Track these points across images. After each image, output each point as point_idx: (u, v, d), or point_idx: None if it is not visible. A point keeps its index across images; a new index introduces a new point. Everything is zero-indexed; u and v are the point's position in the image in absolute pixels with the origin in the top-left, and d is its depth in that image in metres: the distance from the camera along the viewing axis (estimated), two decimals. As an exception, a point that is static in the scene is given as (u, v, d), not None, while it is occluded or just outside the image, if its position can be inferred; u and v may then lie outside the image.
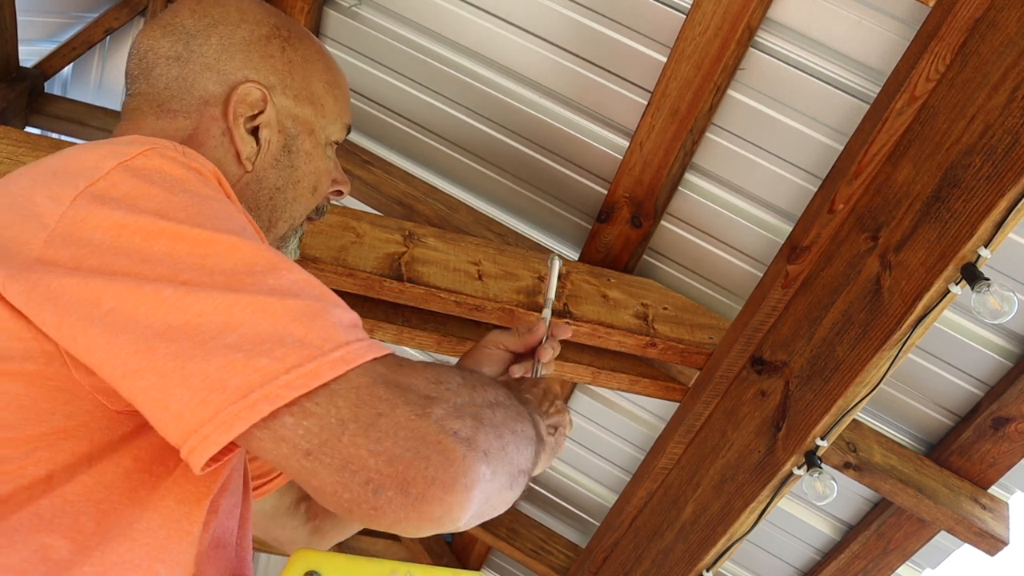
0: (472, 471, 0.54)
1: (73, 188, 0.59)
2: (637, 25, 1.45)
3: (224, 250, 0.56)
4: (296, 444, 0.52)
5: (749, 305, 1.38)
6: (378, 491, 0.51)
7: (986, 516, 1.45)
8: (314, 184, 0.88)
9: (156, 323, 0.52)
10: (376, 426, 0.52)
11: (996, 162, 0.94)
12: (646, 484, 1.62)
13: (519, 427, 0.64)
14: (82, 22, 2.68)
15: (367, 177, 1.79)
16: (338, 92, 0.89)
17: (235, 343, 0.51)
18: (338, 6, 1.78)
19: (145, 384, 0.52)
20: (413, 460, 0.52)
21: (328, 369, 0.52)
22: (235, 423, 0.50)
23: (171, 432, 0.52)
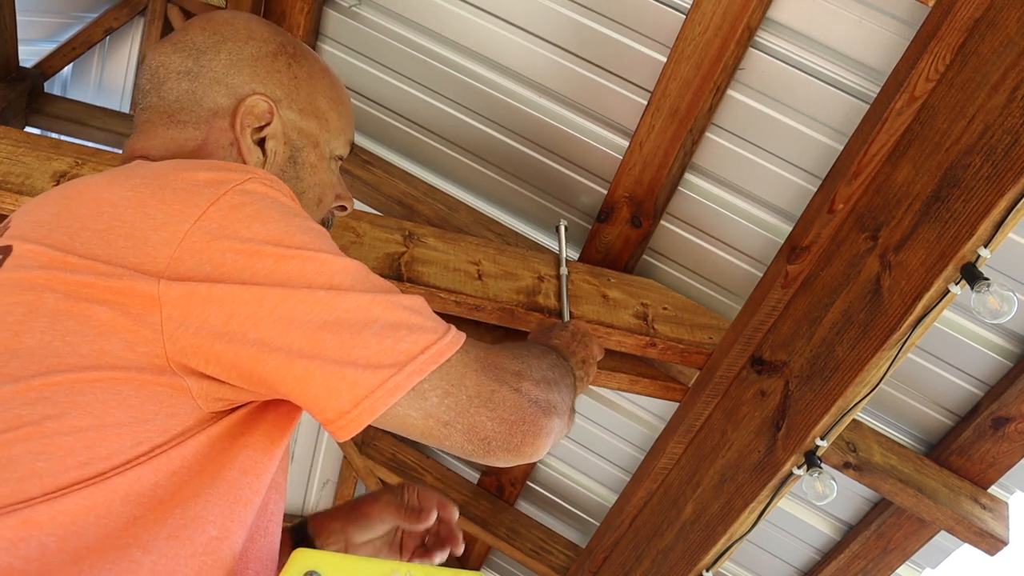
0: (550, 423, 0.78)
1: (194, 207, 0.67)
2: (637, 25, 1.45)
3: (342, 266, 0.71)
4: (439, 417, 0.70)
5: (749, 305, 1.38)
6: (491, 444, 0.73)
7: (986, 516, 1.45)
8: (319, 196, 0.93)
9: (316, 318, 0.66)
10: (492, 400, 0.73)
11: (996, 162, 0.94)
12: (646, 484, 1.62)
13: (567, 380, 0.89)
14: (82, 22, 2.69)
15: (367, 177, 1.79)
16: (342, 108, 0.94)
17: (380, 332, 0.68)
18: (338, 6, 1.78)
19: (320, 364, 0.66)
20: (516, 421, 0.74)
21: (448, 347, 0.71)
22: (397, 390, 0.67)
23: (343, 399, 0.66)
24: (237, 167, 0.73)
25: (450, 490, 2.49)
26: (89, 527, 0.63)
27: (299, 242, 0.69)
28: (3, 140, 1.33)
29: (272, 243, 0.68)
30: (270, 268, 0.67)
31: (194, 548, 0.67)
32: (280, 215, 0.70)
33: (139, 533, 0.64)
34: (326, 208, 0.96)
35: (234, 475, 0.71)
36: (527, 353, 0.84)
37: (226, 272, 0.65)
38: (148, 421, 0.66)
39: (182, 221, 0.66)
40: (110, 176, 0.72)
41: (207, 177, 0.70)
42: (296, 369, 0.66)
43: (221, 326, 0.65)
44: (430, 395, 0.69)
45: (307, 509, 3.01)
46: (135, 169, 0.73)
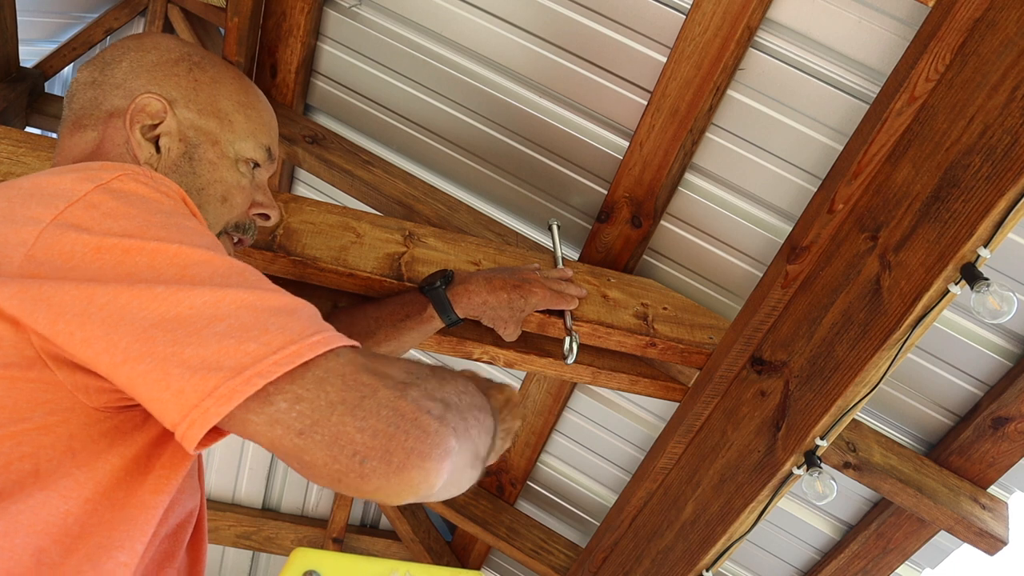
0: (444, 443, 0.61)
1: (52, 208, 0.64)
2: (637, 25, 1.45)
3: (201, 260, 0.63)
4: (290, 425, 0.58)
5: (749, 305, 1.38)
6: (364, 461, 0.58)
7: (986, 516, 1.45)
8: (222, 194, 0.94)
9: (151, 315, 0.58)
10: (361, 406, 0.59)
11: (995, 162, 0.94)
12: (646, 484, 1.62)
13: (481, 416, 0.73)
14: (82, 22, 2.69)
15: (367, 177, 1.79)
16: (252, 113, 0.96)
17: (224, 331, 0.58)
18: (338, 6, 1.78)
19: (145, 367, 0.57)
20: (395, 434, 0.59)
21: (308, 350, 0.59)
22: (232, 396, 0.56)
23: (170, 410, 0.57)
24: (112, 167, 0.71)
25: (450, 490, 2.49)
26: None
27: (153, 235, 0.64)
28: (3, 140, 1.34)
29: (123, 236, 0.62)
30: (116, 261, 0.61)
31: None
32: (140, 211, 0.66)
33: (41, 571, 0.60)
34: (236, 210, 0.96)
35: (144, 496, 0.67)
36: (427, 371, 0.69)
37: (71, 270, 0.61)
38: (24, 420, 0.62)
39: (39, 221, 0.63)
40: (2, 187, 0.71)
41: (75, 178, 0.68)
42: (122, 374, 0.58)
43: (50, 325, 0.59)
44: (277, 399, 0.58)
45: (307, 509, 3.02)
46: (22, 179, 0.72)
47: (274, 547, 2.93)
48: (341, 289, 1.38)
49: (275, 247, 1.31)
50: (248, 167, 0.97)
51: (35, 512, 0.60)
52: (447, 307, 1.25)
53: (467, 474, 0.69)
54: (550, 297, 1.31)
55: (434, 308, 1.26)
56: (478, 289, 1.26)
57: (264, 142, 0.98)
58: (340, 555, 0.80)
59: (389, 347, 1.28)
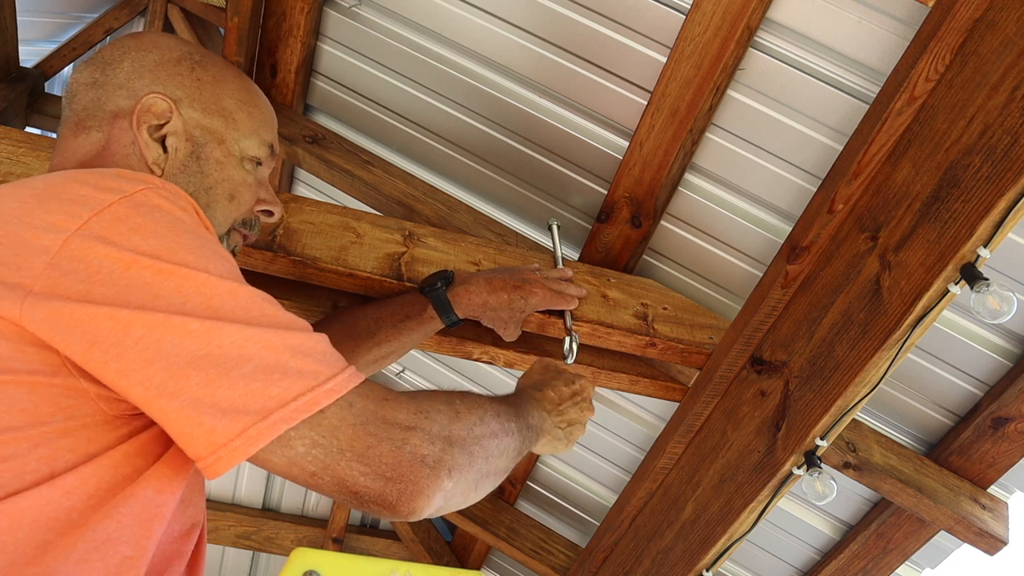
0: (434, 485, 0.71)
1: (76, 217, 0.65)
2: (637, 25, 1.45)
3: (226, 291, 0.67)
4: (305, 467, 0.66)
5: (749, 305, 1.38)
6: (363, 498, 0.68)
7: (986, 516, 1.45)
8: (229, 192, 0.94)
9: (184, 353, 0.63)
10: (366, 455, 0.68)
11: (995, 162, 0.94)
12: (646, 484, 1.62)
13: (495, 442, 0.81)
14: (82, 22, 2.69)
15: (367, 177, 1.79)
16: (253, 111, 0.97)
17: (251, 374, 0.64)
18: (338, 6, 1.78)
19: (179, 405, 0.63)
20: (391, 480, 0.69)
21: (324, 397, 0.66)
22: (259, 440, 0.63)
23: (200, 445, 0.63)
24: (134, 177, 0.72)
25: (450, 490, 2.49)
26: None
27: (180, 259, 0.66)
28: (4, 140, 1.34)
29: (151, 256, 0.65)
30: (146, 282, 0.64)
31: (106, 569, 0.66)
32: (167, 230, 0.68)
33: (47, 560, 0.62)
34: (243, 207, 0.98)
35: (148, 493, 0.69)
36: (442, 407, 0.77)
37: (98, 284, 0.63)
38: (44, 424, 0.64)
39: (63, 230, 0.64)
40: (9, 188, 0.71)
41: (97, 186, 0.69)
42: (155, 407, 0.63)
43: (84, 352, 0.62)
44: (296, 444, 0.65)
45: (307, 509, 3.02)
46: (32, 180, 0.72)
47: (274, 547, 2.93)
48: (341, 289, 1.38)
49: (275, 247, 1.31)
50: (252, 164, 0.98)
51: (39, 508, 0.63)
52: (447, 308, 1.25)
53: (469, 496, 0.79)
54: (550, 297, 1.31)
55: (434, 309, 1.26)
56: (478, 290, 1.26)
57: (267, 139, 0.98)
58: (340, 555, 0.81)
59: (389, 347, 1.28)
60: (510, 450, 0.86)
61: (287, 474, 0.67)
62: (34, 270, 0.62)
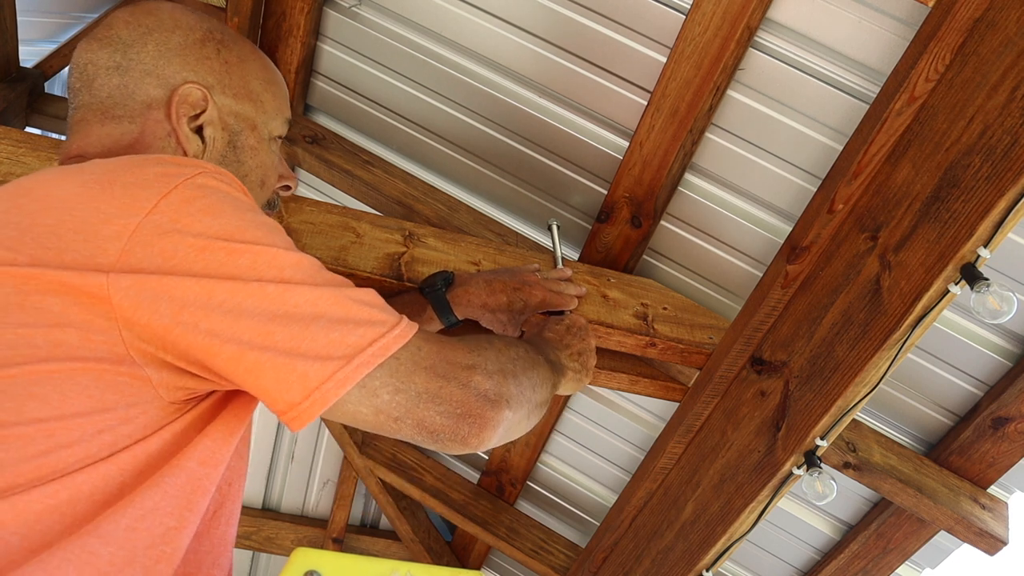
0: (497, 418, 0.80)
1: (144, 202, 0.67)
2: (637, 25, 1.45)
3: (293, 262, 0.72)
4: (389, 413, 0.73)
5: (749, 305, 1.38)
6: (439, 435, 0.76)
7: (985, 516, 1.45)
8: (262, 178, 0.95)
9: (266, 312, 0.68)
10: (439, 396, 0.75)
11: (995, 162, 0.94)
12: (646, 484, 1.62)
13: (534, 373, 0.90)
14: (82, 22, 2.68)
15: (367, 177, 1.79)
16: (275, 89, 0.96)
17: (328, 326, 0.69)
18: (338, 6, 1.78)
19: (272, 355, 0.67)
20: (462, 416, 0.77)
21: (395, 341, 0.73)
22: (347, 382, 0.69)
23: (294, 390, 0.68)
24: (187, 162, 0.74)
25: (450, 490, 2.49)
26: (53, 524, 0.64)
27: (251, 236, 0.70)
28: (4, 140, 1.34)
29: (223, 238, 0.69)
30: (221, 261, 0.68)
31: (151, 538, 0.69)
32: (231, 209, 0.71)
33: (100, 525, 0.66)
34: (270, 189, 0.98)
35: (193, 466, 0.73)
36: (487, 345, 0.85)
37: (176, 265, 0.66)
38: (108, 411, 0.67)
39: (132, 215, 0.66)
40: (60, 173, 0.72)
41: (157, 172, 0.71)
42: (247, 360, 0.67)
43: (172, 316, 0.66)
44: (381, 392, 0.72)
45: (307, 509, 3.02)
46: (85, 166, 0.73)
47: (274, 547, 2.93)
48: (341, 289, 1.38)
49: (275, 247, 1.31)
50: (276, 144, 0.98)
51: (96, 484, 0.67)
52: (447, 309, 1.25)
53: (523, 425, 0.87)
54: (550, 299, 1.32)
55: (434, 310, 1.26)
56: (478, 292, 1.26)
57: (286, 115, 0.98)
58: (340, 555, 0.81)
59: None
60: (547, 381, 0.94)
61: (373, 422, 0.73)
62: (109, 255, 0.65)
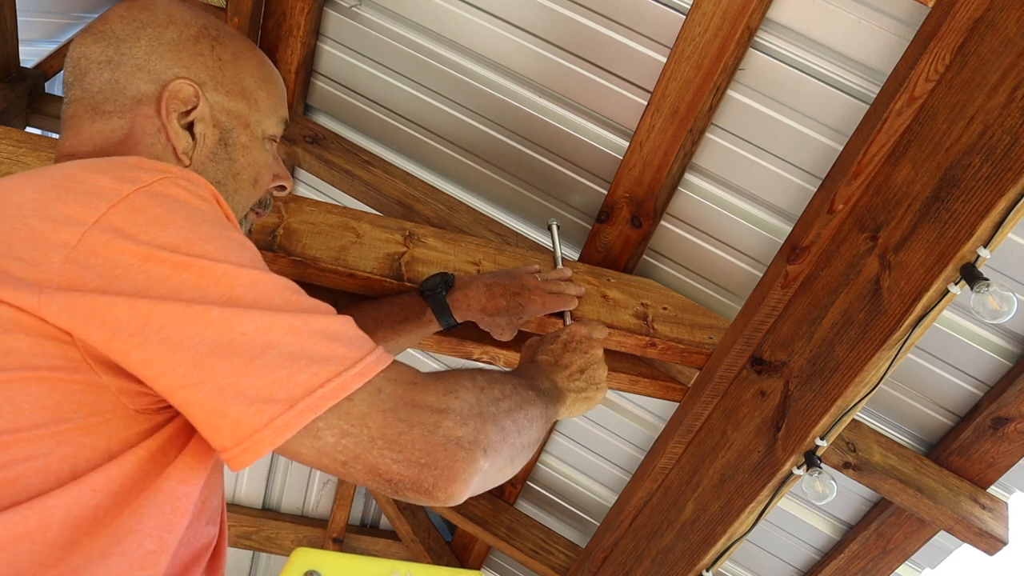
0: (471, 468, 0.68)
1: (93, 209, 0.63)
2: (637, 25, 1.45)
3: (247, 280, 0.65)
4: (335, 458, 0.64)
5: (749, 305, 1.38)
6: (398, 486, 0.66)
7: (985, 516, 1.45)
8: (254, 176, 0.92)
9: (207, 341, 0.61)
10: (398, 442, 0.65)
11: (995, 162, 0.94)
12: (646, 484, 1.62)
13: (522, 413, 0.79)
14: (82, 22, 2.68)
15: (367, 177, 1.79)
16: (271, 87, 0.93)
17: (276, 361, 0.62)
18: (338, 6, 1.78)
19: (204, 395, 0.61)
20: (426, 466, 0.66)
21: (352, 382, 0.64)
22: (286, 429, 0.61)
23: (225, 436, 0.61)
24: (152, 166, 0.70)
25: (450, 490, 2.49)
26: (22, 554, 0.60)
27: (200, 250, 0.64)
28: (4, 140, 1.34)
29: (169, 249, 0.63)
30: (164, 275, 0.62)
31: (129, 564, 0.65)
32: (185, 220, 0.66)
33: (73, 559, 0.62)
34: (263, 188, 0.95)
35: (171, 485, 0.68)
36: (468, 384, 0.75)
37: (114, 281, 0.61)
38: (67, 421, 0.63)
39: (79, 224, 0.62)
40: (26, 177, 0.70)
41: (115, 176, 0.67)
42: (179, 397, 0.62)
43: (105, 343, 0.61)
44: (324, 434, 0.63)
45: (307, 509, 3.01)
46: (48, 170, 0.70)
47: (274, 547, 2.93)
48: (341, 289, 1.38)
49: (275, 247, 1.31)
50: (271, 143, 0.95)
51: (69, 508, 0.62)
52: (446, 312, 1.25)
53: (505, 472, 0.77)
54: (549, 302, 1.31)
55: (433, 312, 1.26)
56: (477, 296, 1.26)
57: (282, 115, 0.96)
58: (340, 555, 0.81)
59: (386, 346, 1.28)
60: (538, 419, 0.84)
61: (317, 464, 0.65)
62: (52, 265, 0.61)
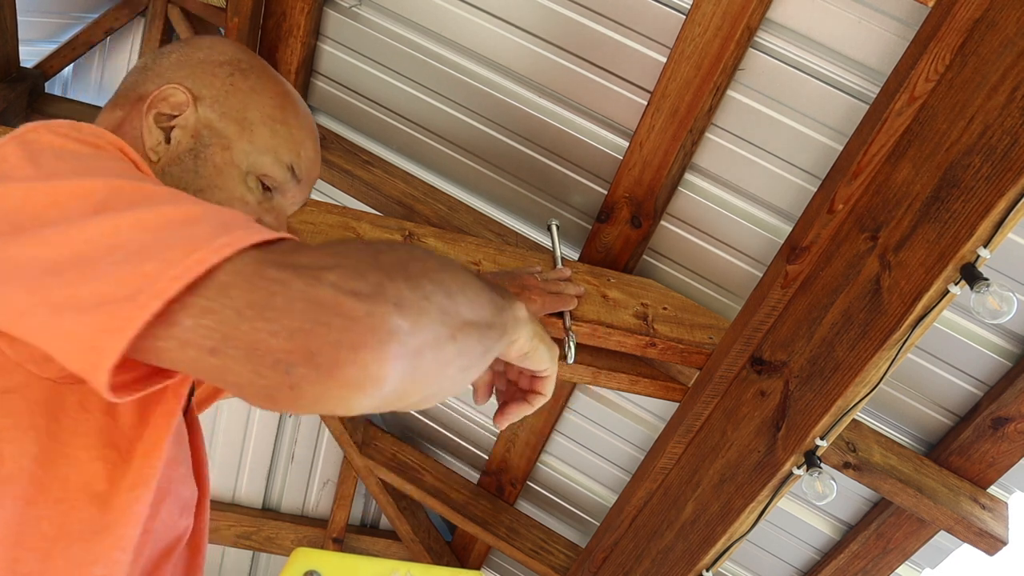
0: (381, 326, 0.50)
1: None
2: (637, 25, 1.45)
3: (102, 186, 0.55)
4: (200, 344, 0.49)
5: (749, 305, 1.38)
6: (289, 369, 0.48)
7: (985, 516, 1.45)
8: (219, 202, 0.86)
9: (43, 263, 0.51)
10: (270, 305, 0.49)
11: (995, 162, 0.94)
12: (646, 484, 1.62)
13: (448, 276, 0.57)
14: (82, 22, 2.69)
15: (367, 177, 1.79)
16: (281, 130, 0.90)
17: (123, 258, 0.50)
18: (338, 6, 1.78)
19: (40, 320, 0.50)
20: (313, 328, 0.48)
21: (213, 254, 0.50)
22: (126, 326, 0.48)
23: (73, 357, 0.50)
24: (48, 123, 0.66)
25: (450, 490, 2.49)
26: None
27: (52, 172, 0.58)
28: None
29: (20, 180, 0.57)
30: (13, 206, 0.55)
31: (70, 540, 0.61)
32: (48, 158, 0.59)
33: None
34: None
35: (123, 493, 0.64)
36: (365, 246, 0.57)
37: None
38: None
39: None
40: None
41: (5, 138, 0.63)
42: (23, 328, 0.52)
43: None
44: (180, 317, 0.49)
45: (307, 509, 3.02)
46: None
47: (274, 547, 2.93)
48: (341, 289, 1.38)
49: (275, 247, 1.31)
50: (258, 184, 0.89)
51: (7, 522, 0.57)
52: None
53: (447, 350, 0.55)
54: (549, 302, 1.31)
55: None
56: None
57: (286, 160, 0.90)
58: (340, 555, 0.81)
59: None
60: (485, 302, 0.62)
61: (183, 361, 0.50)
62: None
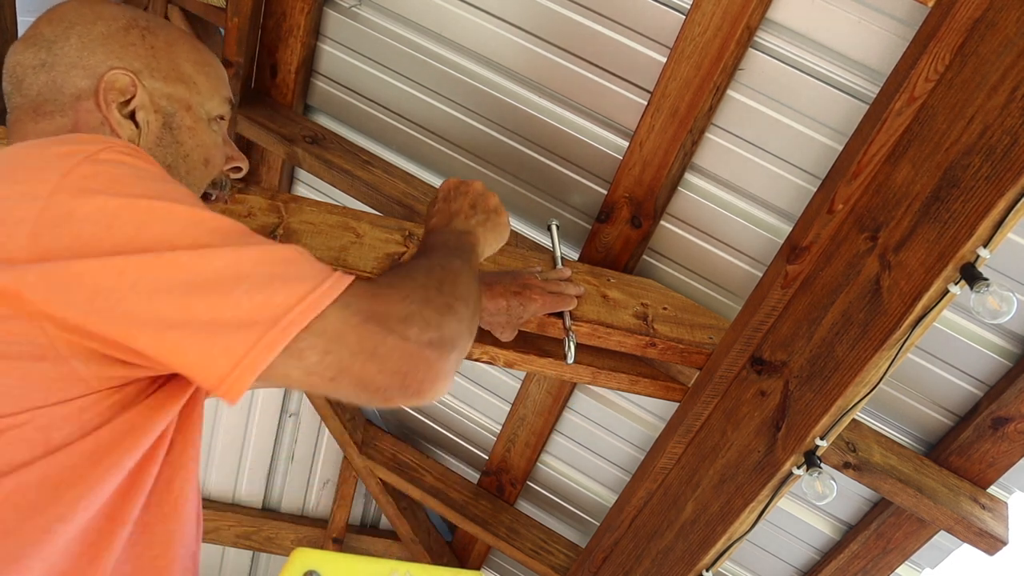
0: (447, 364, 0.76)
1: (45, 182, 0.64)
2: (637, 25, 1.45)
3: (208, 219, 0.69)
4: (323, 374, 0.69)
5: (749, 305, 1.38)
6: (387, 393, 0.72)
7: (985, 516, 1.45)
8: (204, 157, 0.94)
9: (182, 284, 0.64)
10: (377, 354, 0.71)
11: (995, 162, 0.94)
12: (646, 484, 1.62)
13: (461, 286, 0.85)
14: (82, 22, 2.68)
15: (367, 177, 1.79)
16: (209, 70, 0.95)
17: (251, 289, 0.66)
18: (338, 6, 1.78)
19: (191, 332, 0.64)
20: (408, 371, 0.73)
21: (323, 297, 0.69)
22: (274, 345, 0.65)
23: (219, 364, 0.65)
24: (93, 139, 0.73)
25: (450, 490, 2.49)
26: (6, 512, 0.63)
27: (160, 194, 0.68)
28: (4, 140, 1.34)
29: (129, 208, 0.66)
30: (129, 235, 0.64)
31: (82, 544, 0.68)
32: (136, 179, 0.69)
33: None
34: (216, 168, 0.97)
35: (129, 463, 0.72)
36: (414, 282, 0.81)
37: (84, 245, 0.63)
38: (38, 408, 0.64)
39: (35, 198, 0.64)
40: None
41: (59, 152, 0.68)
42: (168, 340, 0.64)
43: (86, 305, 0.63)
44: (308, 354, 0.68)
45: (307, 509, 3.02)
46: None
47: (274, 547, 2.93)
48: (341, 289, 1.38)
49: (275, 247, 1.31)
50: (218, 124, 0.96)
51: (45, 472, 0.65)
52: None
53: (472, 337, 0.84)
54: (549, 302, 1.32)
55: None
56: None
57: (225, 95, 0.97)
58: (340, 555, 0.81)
59: None
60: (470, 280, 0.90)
61: (307, 384, 0.70)
62: (19, 241, 0.62)
